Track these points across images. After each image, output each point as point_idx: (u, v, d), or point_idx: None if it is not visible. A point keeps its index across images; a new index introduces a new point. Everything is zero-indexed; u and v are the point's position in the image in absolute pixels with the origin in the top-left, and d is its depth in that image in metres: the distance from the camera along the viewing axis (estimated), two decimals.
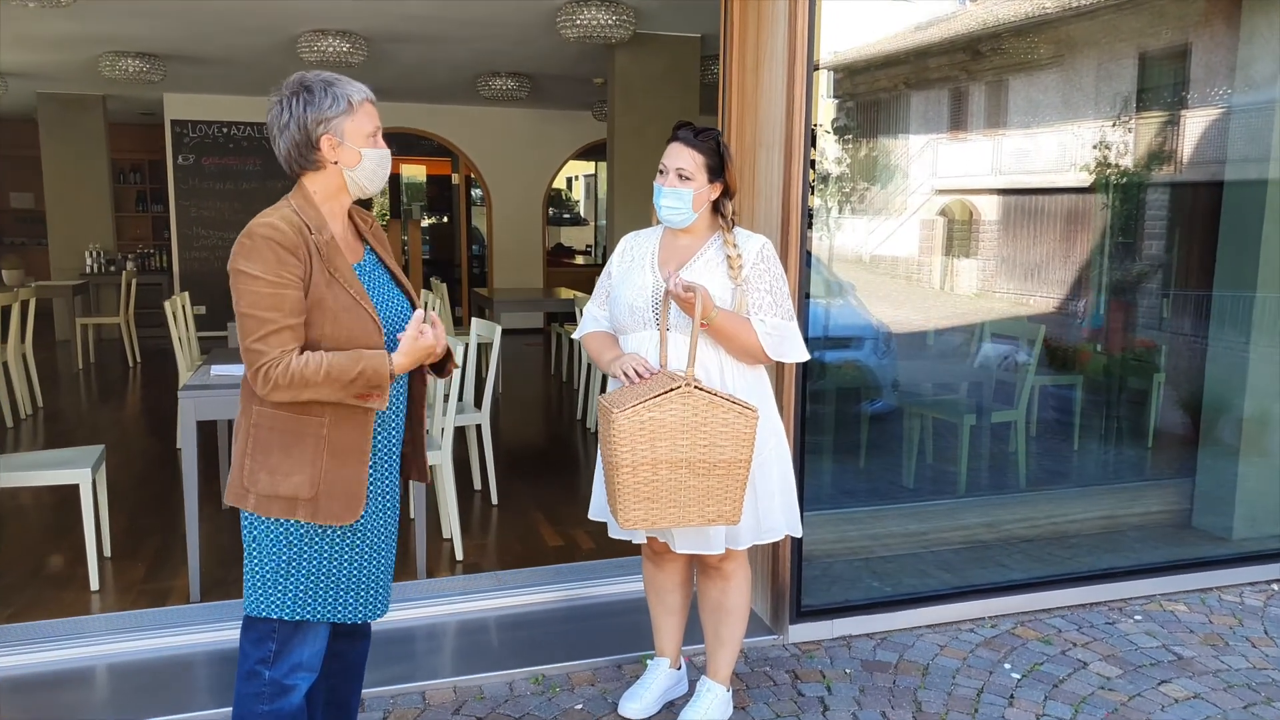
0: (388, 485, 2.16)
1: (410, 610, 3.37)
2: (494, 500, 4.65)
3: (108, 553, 3.87)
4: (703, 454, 2.18)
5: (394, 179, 14.56)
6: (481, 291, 8.52)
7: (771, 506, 2.55)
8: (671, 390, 2.15)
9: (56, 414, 6.63)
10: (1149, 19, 5.06)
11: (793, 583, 3.25)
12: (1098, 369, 4.98)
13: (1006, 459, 4.65)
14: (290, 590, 2.03)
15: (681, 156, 2.46)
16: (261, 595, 2.04)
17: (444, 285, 7.40)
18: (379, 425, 2.09)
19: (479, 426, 4.64)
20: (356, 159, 2.02)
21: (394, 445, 2.16)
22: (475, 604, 3.44)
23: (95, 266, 10.00)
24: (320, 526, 2.02)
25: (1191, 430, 4.40)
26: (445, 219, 13.12)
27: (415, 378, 2.21)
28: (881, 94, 5.19)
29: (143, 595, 3.52)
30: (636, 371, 2.35)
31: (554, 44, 6.74)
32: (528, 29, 6.45)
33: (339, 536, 2.06)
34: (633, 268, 2.57)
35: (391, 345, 2.10)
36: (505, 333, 8.97)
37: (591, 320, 2.66)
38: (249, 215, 2.06)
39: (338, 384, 1.92)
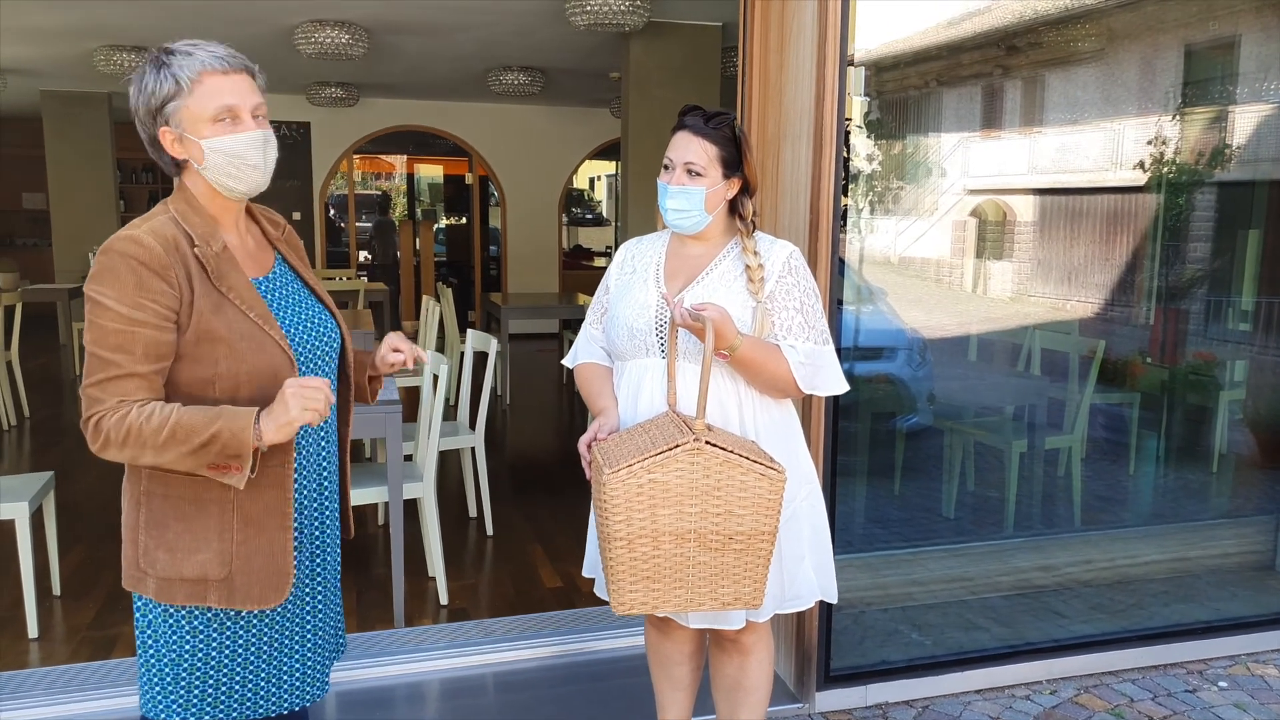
0: (324, 542, 1.75)
1: (386, 667, 2.97)
2: (489, 530, 4.23)
3: (57, 590, 3.50)
4: (716, 524, 1.74)
5: (409, 179, 14.25)
6: (494, 298, 8.15)
7: (800, 569, 2.11)
8: (677, 446, 1.70)
9: (41, 425, 6.29)
10: (1195, 9, 4.67)
11: (821, 643, 2.81)
12: (1154, 385, 4.50)
13: (1058, 489, 4.18)
14: (196, 687, 1.62)
15: (690, 148, 2.02)
16: (160, 693, 1.63)
17: (450, 290, 7.01)
18: (304, 472, 1.68)
19: (473, 449, 4.23)
20: (200, 154, 1.56)
21: (324, 495, 1.74)
22: (460, 660, 3.03)
23: None
24: (235, 610, 1.61)
25: (1271, 458, 3.92)
26: (464, 220, 12.77)
27: (342, 411, 1.80)
28: (911, 91, 4.82)
29: (85, 644, 3.14)
30: (589, 447, 1.98)
31: (564, 34, 6.32)
32: (535, 17, 6.04)
33: (257, 619, 1.65)
34: (633, 281, 2.14)
35: (321, 373, 1.69)
36: (517, 338, 8.62)
37: (586, 345, 2.23)
38: None
39: (183, 448, 1.46)
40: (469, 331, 4.17)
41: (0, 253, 11.80)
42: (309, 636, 1.74)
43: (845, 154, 2.68)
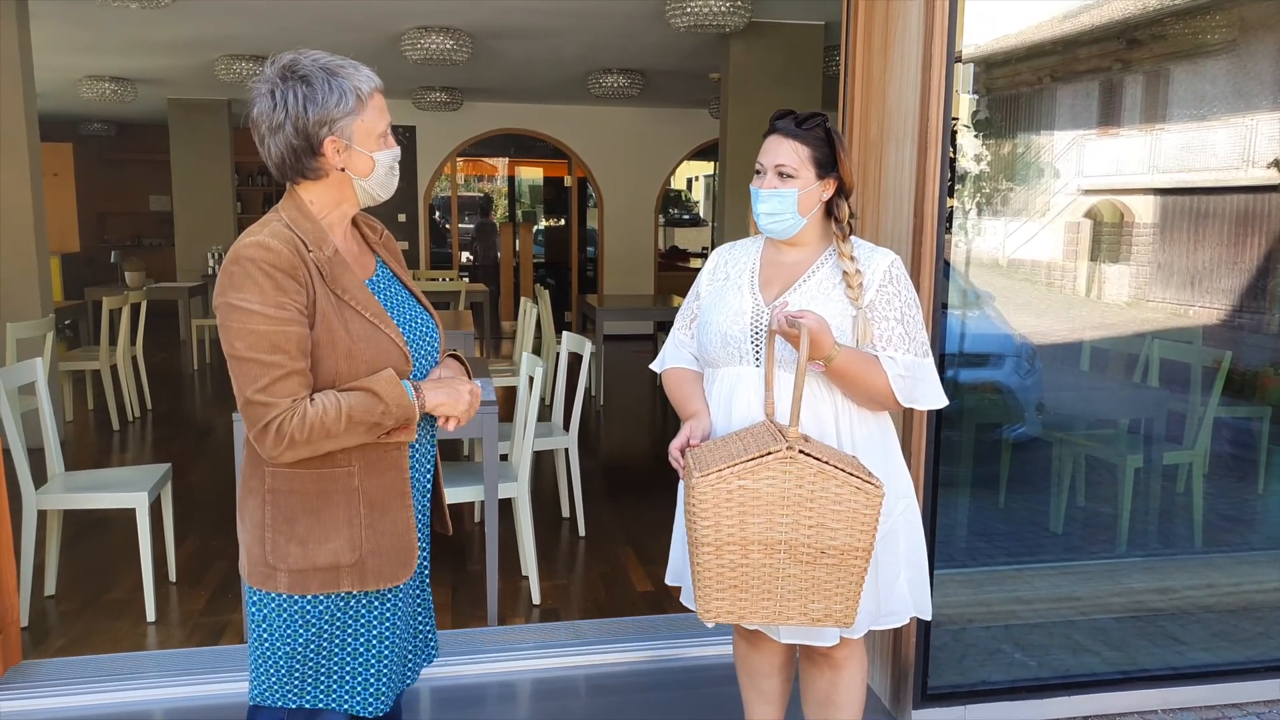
0: (420, 536, 1.80)
1: (479, 665, 3.01)
2: (581, 531, 4.26)
3: (173, 577, 3.67)
4: (808, 536, 1.68)
5: (510, 181, 14.47)
6: (590, 300, 8.21)
7: (895, 585, 2.05)
8: (769, 454, 1.66)
9: (162, 417, 6.62)
10: None
11: (918, 659, 2.72)
12: None
13: (1177, 507, 3.96)
14: (309, 675, 1.68)
15: (781, 150, 1.97)
16: (273, 682, 1.69)
17: (547, 292, 7.09)
18: (413, 465, 1.73)
19: (566, 450, 4.26)
20: (368, 166, 1.62)
21: (424, 487, 1.80)
22: (550, 660, 3.04)
23: (216, 268, 10.18)
24: (344, 598, 1.66)
25: None
26: (562, 221, 12.92)
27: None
28: (1023, 88, 4.64)
29: (198, 629, 3.28)
30: (682, 452, 1.93)
31: (664, 36, 6.32)
32: (635, 19, 6.06)
33: (366, 608, 1.70)
34: (727, 288, 2.10)
35: (420, 376, 1.73)
36: (611, 339, 8.68)
37: (675, 350, 2.20)
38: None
39: (362, 427, 1.57)
40: (564, 333, 4.21)
41: (128, 252, 12.46)
42: (405, 629, 1.78)
43: (951, 154, 2.59)
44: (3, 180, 5.32)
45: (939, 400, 2.00)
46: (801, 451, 1.66)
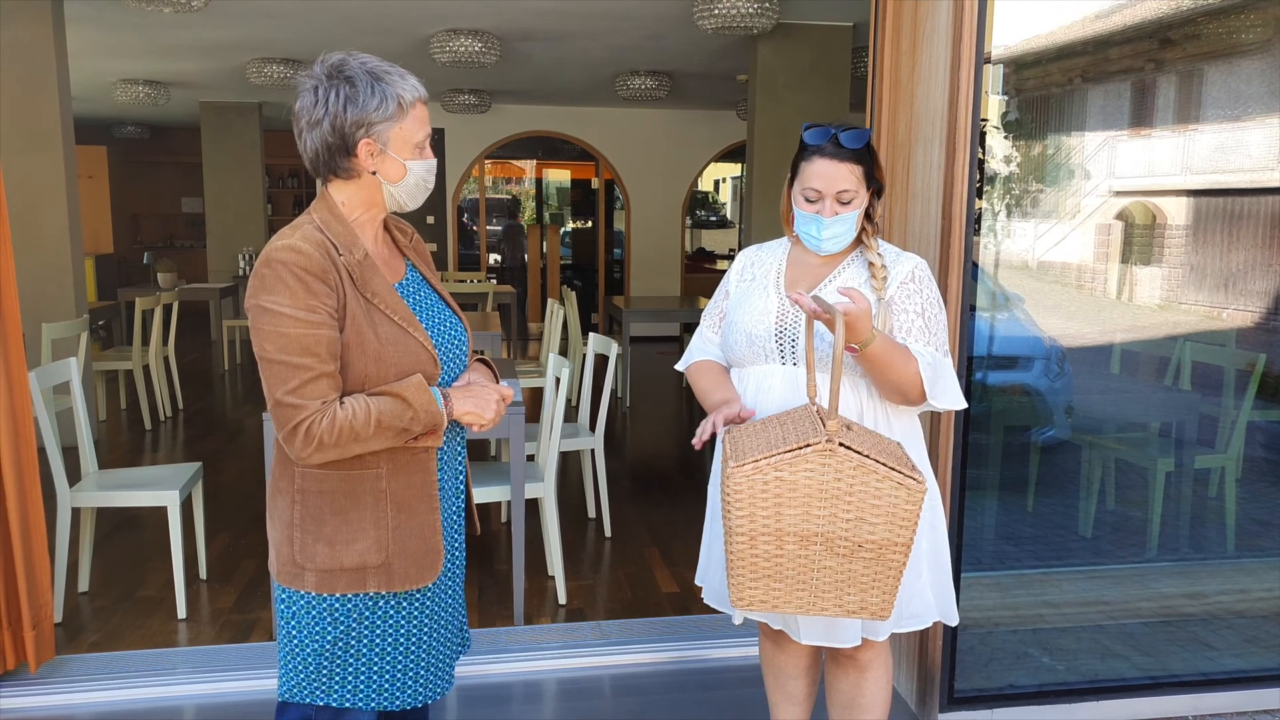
0: (453, 538, 1.81)
1: (505, 664, 3.02)
2: (607, 532, 4.27)
3: (204, 575, 3.72)
4: (845, 530, 1.67)
5: (537, 183, 14.55)
6: (616, 301, 8.23)
7: (918, 587, 2.04)
8: (808, 446, 1.64)
9: (193, 417, 6.71)
10: None
11: (945, 663, 2.70)
12: None
13: (1209, 511, 3.91)
14: (337, 673, 1.70)
15: (839, 175, 1.95)
16: (301, 679, 1.71)
17: (573, 293, 7.11)
18: (442, 466, 1.75)
19: (592, 451, 4.27)
20: (400, 173, 1.64)
21: (455, 488, 1.81)
22: (576, 660, 3.06)
23: (247, 269, 10.30)
24: (373, 598, 1.68)
25: None
26: (589, 223, 12.96)
27: None
28: (1052, 88, 4.59)
29: (228, 626, 3.32)
30: (716, 427, 1.90)
31: (692, 38, 6.34)
32: (663, 21, 6.07)
33: (394, 608, 1.71)
34: (753, 289, 2.11)
35: (448, 379, 1.74)
36: (638, 340, 8.70)
37: (700, 347, 2.21)
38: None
39: (390, 432, 1.59)
40: (591, 335, 4.23)
41: (160, 254, 12.64)
42: (437, 629, 1.79)
43: (980, 155, 2.58)
44: (39, 182, 5.41)
45: (958, 401, 1.99)
46: (841, 444, 1.64)
